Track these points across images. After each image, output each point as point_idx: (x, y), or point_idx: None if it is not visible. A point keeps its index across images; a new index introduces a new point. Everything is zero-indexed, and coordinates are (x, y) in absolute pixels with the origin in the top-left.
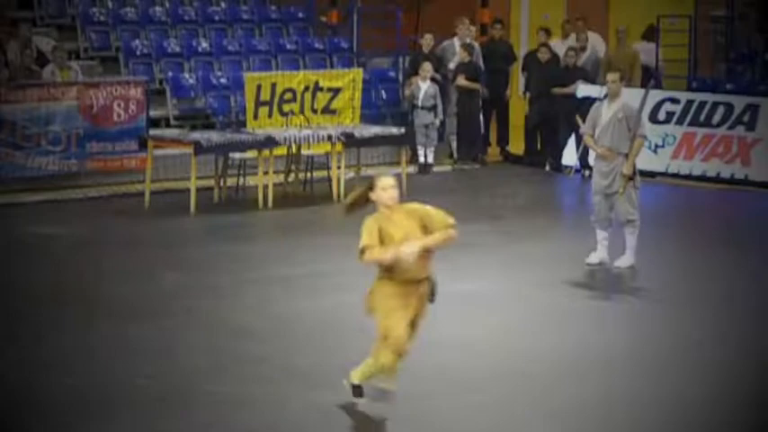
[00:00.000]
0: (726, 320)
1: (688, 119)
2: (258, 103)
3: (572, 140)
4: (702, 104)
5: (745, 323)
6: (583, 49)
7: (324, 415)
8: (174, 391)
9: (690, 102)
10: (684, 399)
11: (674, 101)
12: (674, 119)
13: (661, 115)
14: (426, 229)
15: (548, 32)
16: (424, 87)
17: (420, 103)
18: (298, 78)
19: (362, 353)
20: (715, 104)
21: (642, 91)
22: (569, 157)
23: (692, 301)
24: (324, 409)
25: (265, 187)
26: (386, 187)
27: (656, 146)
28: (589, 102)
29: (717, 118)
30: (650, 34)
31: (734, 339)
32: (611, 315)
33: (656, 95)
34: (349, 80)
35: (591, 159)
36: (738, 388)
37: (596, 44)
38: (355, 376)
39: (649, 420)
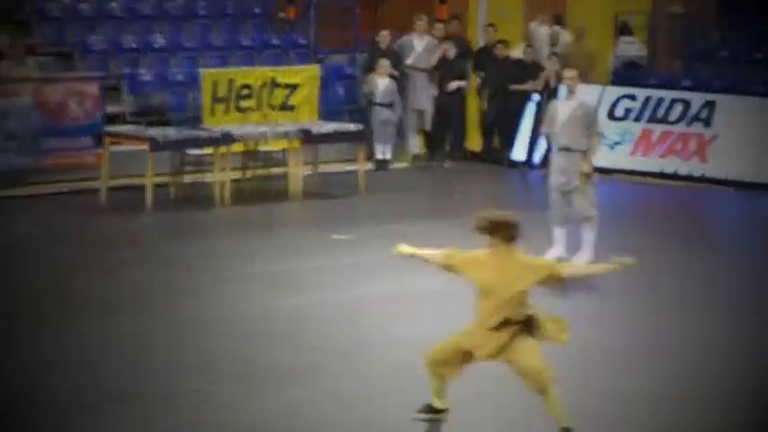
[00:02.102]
0: (701, 321)
1: (646, 116)
2: (215, 100)
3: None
4: (660, 101)
5: (723, 323)
6: (554, 45)
7: (302, 412)
8: (155, 390)
9: (648, 98)
10: (684, 399)
11: (632, 97)
12: (632, 115)
13: (619, 112)
14: None
15: (494, 28)
16: (381, 84)
17: (378, 100)
18: (255, 75)
19: (342, 350)
20: (673, 101)
21: (600, 88)
22: (520, 153)
23: (653, 299)
24: (300, 406)
25: (222, 184)
26: None
27: (615, 143)
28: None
29: (674, 115)
30: (626, 29)
31: (722, 340)
32: (579, 313)
33: (613, 92)
34: (306, 76)
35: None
36: (738, 388)
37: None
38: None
39: (647, 420)
